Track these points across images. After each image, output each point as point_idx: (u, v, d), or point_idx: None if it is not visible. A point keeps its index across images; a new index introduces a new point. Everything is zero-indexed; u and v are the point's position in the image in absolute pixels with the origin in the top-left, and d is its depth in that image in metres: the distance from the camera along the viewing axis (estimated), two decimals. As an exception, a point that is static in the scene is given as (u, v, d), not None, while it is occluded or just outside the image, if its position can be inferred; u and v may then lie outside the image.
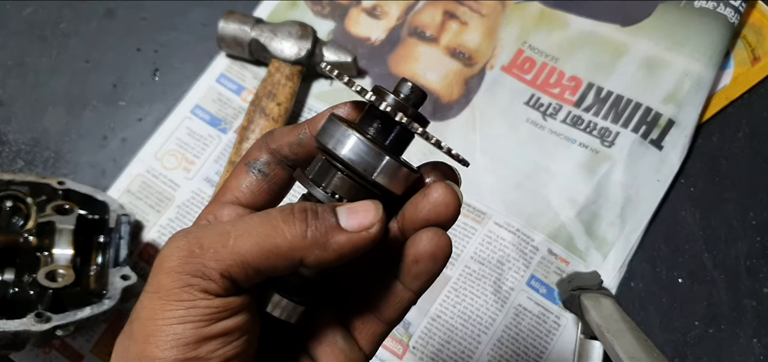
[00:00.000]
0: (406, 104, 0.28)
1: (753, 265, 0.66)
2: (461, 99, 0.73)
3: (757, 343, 0.64)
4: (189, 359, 0.25)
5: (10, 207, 0.62)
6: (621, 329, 0.56)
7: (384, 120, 0.28)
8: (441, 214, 0.28)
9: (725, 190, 0.70)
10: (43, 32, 0.77)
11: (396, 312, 0.30)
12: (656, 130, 0.70)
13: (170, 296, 0.26)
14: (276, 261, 0.26)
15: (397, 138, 0.28)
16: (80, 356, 0.62)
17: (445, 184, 0.28)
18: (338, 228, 0.26)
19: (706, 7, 0.75)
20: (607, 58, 0.74)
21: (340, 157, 0.27)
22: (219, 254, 0.26)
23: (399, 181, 0.28)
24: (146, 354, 0.25)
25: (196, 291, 0.25)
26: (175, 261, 0.26)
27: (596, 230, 0.66)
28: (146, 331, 0.26)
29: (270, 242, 0.26)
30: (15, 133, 0.72)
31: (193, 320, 0.25)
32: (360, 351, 0.31)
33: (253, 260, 0.26)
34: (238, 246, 0.26)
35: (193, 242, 0.26)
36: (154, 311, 0.26)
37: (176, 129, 0.72)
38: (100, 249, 0.61)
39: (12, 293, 0.56)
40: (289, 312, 0.29)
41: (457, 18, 0.77)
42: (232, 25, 0.71)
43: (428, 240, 0.28)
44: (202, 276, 0.25)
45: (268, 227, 0.26)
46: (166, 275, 0.26)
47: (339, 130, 0.28)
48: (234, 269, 0.26)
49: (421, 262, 0.28)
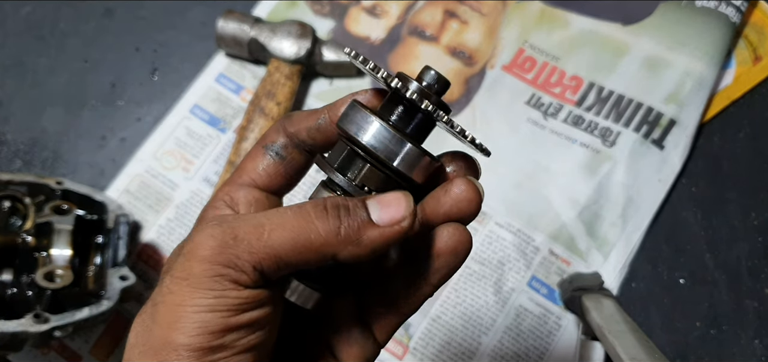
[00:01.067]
0: (430, 92, 0.28)
1: (755, 266, 0.66)
2: (462, 98, 0.73)
3: (758, 344, 0.63)
4: (213, 347, 0.25)
5: (8, 207, 0.61)
6: (622, 330, 0.55)
7: (407, 107, 0.28)
8: (463, 210, 0.28)
9: (727, 190, 0.69)
10: (42, 32, 0.77)
11: (413, 305, 0.30)
12: (658, 129, 0.70)
13: (200, 284, 0.25)
14: (309, 256, 0.26)
15: (420, 125, 0.28)
16: (78, 357, 0.62)
17: (467, 180, 0.28)
18: (371, 224, 0.26)
19: (708, 6, 0.74)
20: (609, 58, 0.74)
21: (362, 143, 0.27)
22: (253, 247, 0.26)
23: (420, 170, 0.28)
24: (170, 340, 0.25)
25: (227, 282, 0.25)
26: (208, 251, 0.26)
27: (597, 230, 0.66)
28: (172, 316, 0.26)
29: (304, 237, 0.26)
30: (13, 132, 0.72)
31: (220, 309, 0.25)
32: (375, 342, 0.31)
33: (286, 254, 0.26)
34: (272, 239, 0.26)
35: (228, 232, 0.26)
36: (182, 297, 0.26)
37: (175, 129, 0.71)
38: (99, 250, 0.60)
39: (10, 294, 0.56)
40: (306, 297, 0.29)
41: (458, 17, 0.77)
42: (232, 24, 0.71)
43: (449, 235, 0.28)
44: (235, 268, 0.25)
45: (302, 222, 0.26)
46: (198, 263, 0.26)
47: (361, 115, 0.27)
48: (266, 262, 0.26)
49: (442, 257, 0.28)
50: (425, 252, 0.28)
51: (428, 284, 0.29)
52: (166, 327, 0.26)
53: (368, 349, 0.31)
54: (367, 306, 0.31)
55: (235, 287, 0.25)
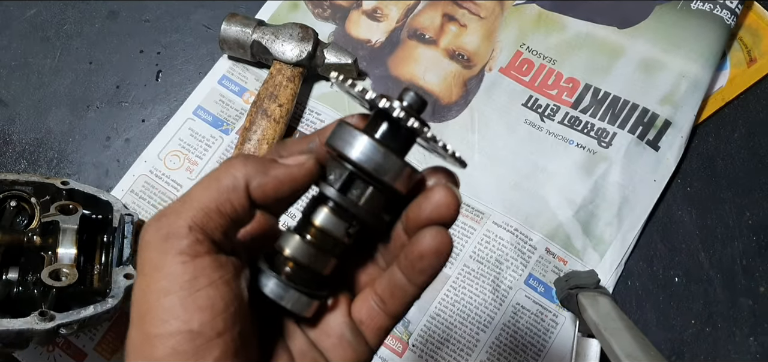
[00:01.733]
0: (410, 110, 0.30)
1: (749, 264, 0.67)
2: (460, 100, 0.74)
3: (753, 341, 0.64)
4: (183, 333, 0.26)
5: (14, 207, 0.62)
6: (618, 327, 0.56)
7: (390, 124, 0.30)
8: (442, 215, 0.29)
9: (721, 190, 0.70)
10: (47, 33, 0.78)
11: (401, 306, 0.31)
12: (653, 130, 0.71)
13: (153, 268, 0.27)
14: (229, 195, 0.28)
15: (402, 141, 0.30)
16: (83, 354, 0.63)
17: (446, 187, 0.29)
18: (276, 162, 0.29)
19: (703, 8, 0.75)
20: (604, 60, 0.75)
21: (349, 157, 0.29)
22: (181, 212, 0.27)
23: (404, 180, 0.30)
24: (145, 333, 0.26)
25: (172, 256, 0.27)
26: (149, 235, 0.27)
27: (593, 229, 0.67)
28: (140, 313, 0.27)
29: (218, 183, 0.28)
30: (19, 133, 0.73)
31: (177, 291, 0.26)
32: (367, 344, 0.32)
33: (210, 202, 0.28)
34: (193, 197, 0.28)
35: (160, 213, 0.28)
36: (142, 290, 0.27)
37: (179, 130, 0.72)
38: (104, 249, 0.61)
39: (16, 292, 0.57)
40: (302, 305, 0.30)
41: (457, 20, 0.78)
42: (235, 27, 0.72)
43: (432, 237, 0.29)
44: (173, 236, 0.27)
45: (213, 173, 0.29)
46: (144, 250, 0.27)
47: (349, 133, 0.30)
48: (197, 217, 0.27)
49: (425, 258, 0.29)
50: (409, 255, 0.30)
51: (413, 285, 0.31)
52: (139, 324, 0.27)
53: (361, 353, 0.32)
54: (357, 309, 0.32)
55: (181, 256, 0.27)
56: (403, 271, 0.30)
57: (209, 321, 0.26)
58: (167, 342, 0.26)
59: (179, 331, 0.26)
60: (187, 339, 0.26)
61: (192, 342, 0.26)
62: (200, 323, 0.26)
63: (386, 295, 0.31)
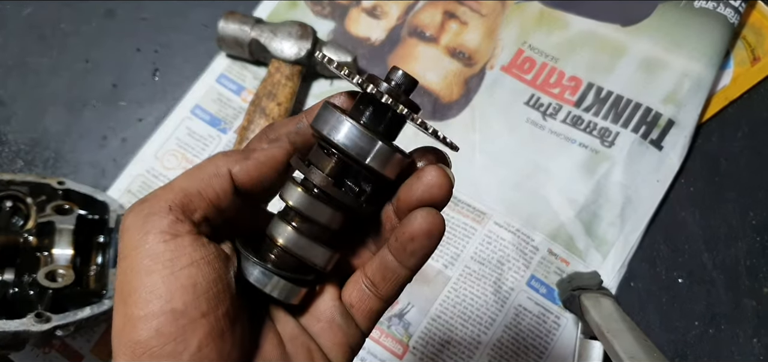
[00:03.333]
0: (398, 91, 0.29)
1: (753, 265, 0.66)
2: (461, 99, 0.73)
3: (757, 343, 0.64)
4: (166, 313, 0.26)
5: (10, 207, 0.62)
6: (621, 329, 0.56)
7: (376, 106, 0.29)
8: (434, 195, 0.29)
9: (725, 190, 0.70)
10: (43, 32, 0.77)
11: (393, 289, 0.31)
12: (656, 130, 0.70)
13: (134, 250, 0.27)
14: (211, 180, 0.28)
15: (389, 124, 0.29)
16: (80, 356, 0.62)
17: (438, 167, 0.29)
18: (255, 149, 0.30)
19: (706, 7, 0.75)
20: (607, 59, 0.74)
21: (335, 143, 0.28)
22: (160, 195, 0.28)
23: (392, 166, 0.29)
24: (128, 315, 0.26)
25: (152, 235, 0.27)
26: (130, 218, 0.28)
27: (596, 230, 0.66)
28: (123, 295, 0.27)
29: (200, 169, 0.29)
30: (15, 133, 0.72)
31: (159, 269, 0.26)
32: (358, 328, 0.31)
33: (191, 186, 0.28)
34: (174, 183, 0.28)
35: (139, 200, 0.28)
36: (124, 272, 0.27)
37: (176, 129, 0.72)
38: (100, 249, 0.61)
39: (12, 293, 0.56)
40: (288, 292, 0.30)
41: (457, 18, 0.77)
42: (232, 25, 0.71)
43: (423, 218, 0.29)
44: (153, 216, 0.27)
45: (195, 166, 0.29)
46: (126, 233, 0.27)
47: (333, 116, 0.28)
48: (177, 198, 0.28)
49: (416, 240, 0.29)
50: (400, 237, 0.29)
51: (405, 267, 0.30)
52: (123, 306, 0.26)
53: (352, 336, 0.31)
54: (347, 292, 0.32)
55: (161, 235, 0.27)
56: (394, 254, 0.30)
57: (192, 301, 0.26)
58: (150, 323, 0.25)
59: (162, 311, 0.26)
60: (170, 319, 0.26)
61: (175, 323, 0.26)
62: (183, 302, 0.26)
63: (377, 278, 0.31)
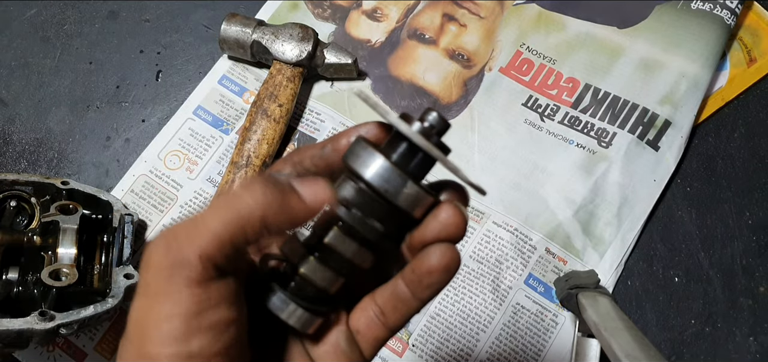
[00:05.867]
0: (431, 132, 0.29)
1: (749, 264, 0.67)
2: (460, 100, 0.74)
3: (753, 341, 0.64)
4: (182, 354, 0.26)
5: (14, 206, 0.62)
6: (618, 327, 0.56)
7: (410, 146, 0.29)
8: (451, 234, 0.29)
9: (721, 190, 0.70)
10: (47, 33, 0.78)
11: (401, 320, 0.31)
12: (653, 130, 0.71)
13: (157, 293, 0.26)
14: (244, 226, 0.27)
15: (420, 164, 0.29)
16: (84, 354, 0.63)
17: (453, 206, 0.29)
18: (295, 194, 0.28)
19: (703, 8, 0.75)
20: (605, 60, 0.75)
21: (365, 179, 0.29)
22: (192, 238, 0.26)
23: (421, 207, 0.29)
24: (142, 352, 0.26)
25: (180, 283, 0.26)
26: (156, 257, 0.26)
27: (593, 229, 0.67)
28: (139, 331, 0.27)
29: (234, 212, 0.27)
30: (19, 133, 0.73)
31: (180, 314, 0.26)
32: (361, 355, 0.32)
33: (224, 232, 0.26)
34: (207, 224, 0.27)
35: (169, 236, 0.27)
36: (143, 311, 0.27)
37: (179, 130, 0.72)
38: (104, 249, 0.61)
39: (16, 292, 0.57)
40: (305, 321, 0.30)
41: (456, 20, 0.78)
42: (235, 27, 0.72)
43: (443, 254, 0.29)
44: (182, 265, 0.26)
45: (231, 198, 0.27)
46: (150, 272, 0.27)
47: (366, 152, 0.29)
48: (210, 248, 0.26)
49: (434, 274, 0.29)
50: (417, 270, 0.30)
51: (417, 299, 0.30)
52: (137, 342, 0.27)
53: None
54: (355, 319, 0.32)
55: (189, 286, 0.26)
56: (408, 285, 0.30)
57: (208, 345, 0.26)
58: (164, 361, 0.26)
59: (179, 354, 0.26)
60: (183, 359, 0.26)
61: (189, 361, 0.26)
62: (200, 347, 0.26)
63: (388, 308, 0.31)
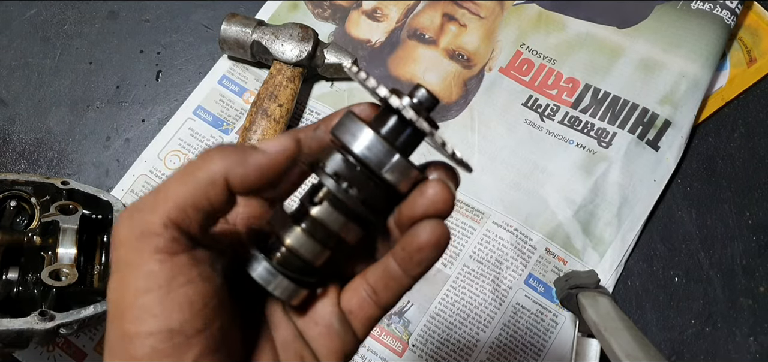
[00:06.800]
0: (420, 108, 0.30)
1: (749, 264, 0.67)
2: (460, 100, 0.74)
3: (753, 341, 0.64)
4: (162, 331, 0.26)
5: (14, 206, 0.62)
6: (618, 327, 0.56)
7: (398, 121, 0.29)
8: (439, 209, 0.29)
9: (721, 190, 0.70)
10: (47, 33, 0.78)
11: (393, 297, 0.31)
12: (653, 130, 0.71)
13: (128, 266, 0.26)
14: (205, 190, 0.27)
15: (408, 139, 0.30)
16: (83, 354, 0.63)
17: (440, 182, 0.29)
18: (256, 150, 0.28)
19: (703, 8, 0.75)
20: (605, 60, 0.75)
21: (353, 151, 0.29)
22: (155, 207, 0.26)
23: (407, 180, 0.29)
24: (123, 331, 0.26)
25: (148, 253, 0.26)
26: (123, 232, 0.27)
27: (593, 229, 0.67)
28: (118, 311, 0.26)
29: (193, 176, 0.27)
30: (19, 133, 0.73)
31: (153, 287, 0.26)
32: (354, 335, 0.32)
33: (186, 197, 0.26)
34: (168, 191, 0.27)
35: (132, 209, 0.27)
36: (118, 287, 0.27)
37: (179, 130, 0.72)
38: (104, 249, 0.61)
39: (16, 292, 0.57)
40: (290, 293, 0.30)
41: (456, 20, 0.78)
42: (235, 27, 0.72)
43: (432, 229, 0.29)
44: (148, 234, 0.26)
45: (189, 166, 0.27)
46: (119, 248, 0.27)
47: (354, 125, 0.29)
48: (173, 213, 0.26)
49: (424, 250, 0.29)
50: (407, 247, 0.30)
51: (408, 276, 0.30)
52: (117, 322, 0.26)
53: (348, 343, 0.31)
54: (347, 298, 0.32)
55: (158, 256, 0.26)
56: (399, 263, 0.30)
57: (188, 320, 0.26)
58: (146, 341, 0.26)
59: (158, 330, 0.26)
60: (166, 337, 0.26)
61: (171, 341, 0.26)
62: (179, 322, 0.26)
63: (380, 286, 0.31)
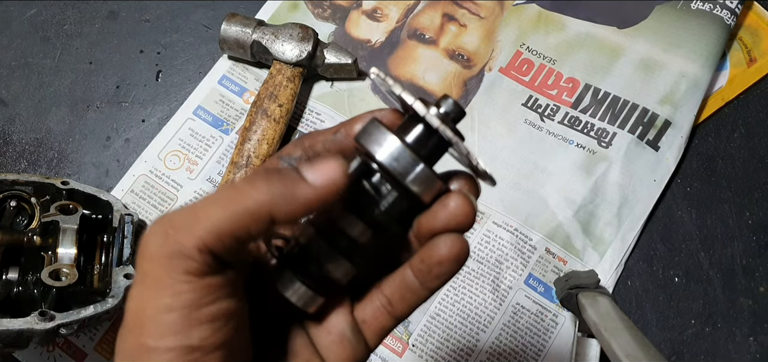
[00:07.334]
0: (447, 118, 0.29)
1: (749, 264, 0.67)
2: (460, 100, 0.74)
3: (753, 341, 0.64)
4: (182, 347, 0.25)
5: (14, 207, 0.62)
6: (618, 327, 0.56)
7: (424, 130, 0.29)
8: (460, 223, 0.29)
9: (721, 190, 0.70)
10: (47, 33, 0.78)
11: (408, 309, 0.31)
12: (653, 130, 0.71)
13: (156, 283, 0.26)
14: (247, 222, 0.26)
15: (433, 149, 0.29)
16: (83, 354, 0.63)
17: (462, 195, 0.29)
18: (303, 182, 0.27)
19: (703, 8, 0.76)
20: (605, 60, 0.75)
21: (377, 159, 0.28)
22: (192, 229, 0.25)
23: (430, 191, 0.29)
24: (141, 343, 0.26)
25: (178, 274, 0.25)
26: (153, 247, 0.26)
27: (593, 229, 0.67)
28: (138, 322, 0.26)
29: (237, 205, 0.26)
30: (19, 133, 0.73)
31: (179, 307, 0.25)
32: (366, 345, 0.31)
33: (225, 226, 0.26)
34: (208, 216, 0.26)
35: (166, 224, 0.26)
36: (141, 301, 0.26)
37: (179, 130, 0.73)
38: (104, 249, 0.61)
39: (16, 292, 0.57)
40: (308, 299, 0.30)
41: (456, 20, 0.78)
42: (235, 27, 0.72)
43: (453, 243, 0.29)
44: (181, 256, 0.25)
45: (233, 191, 0.26)
46: (148, 262, 0.26)
47: (379, 132, 0.29)
48: (209, 240, 0.25)
49: (444, 264, 0.29)
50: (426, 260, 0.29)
51: (425, 288, 0.30)
52: (136, 333, 0.26)
53: (359, 352, 0.31)
54: (361, 307, 0.31)
55: (188, 278, 0.25)
56: (416, 275, 0.30)
57: (209, 336, 0.26)
58: (164, 355, 0.25)
59: (178, 346, 0.25)
60: (185, 352, 0.26)
61: (189, 356, 0.26)
62: (200, 339, 0.26)
63: (396, 297, 0.31)
